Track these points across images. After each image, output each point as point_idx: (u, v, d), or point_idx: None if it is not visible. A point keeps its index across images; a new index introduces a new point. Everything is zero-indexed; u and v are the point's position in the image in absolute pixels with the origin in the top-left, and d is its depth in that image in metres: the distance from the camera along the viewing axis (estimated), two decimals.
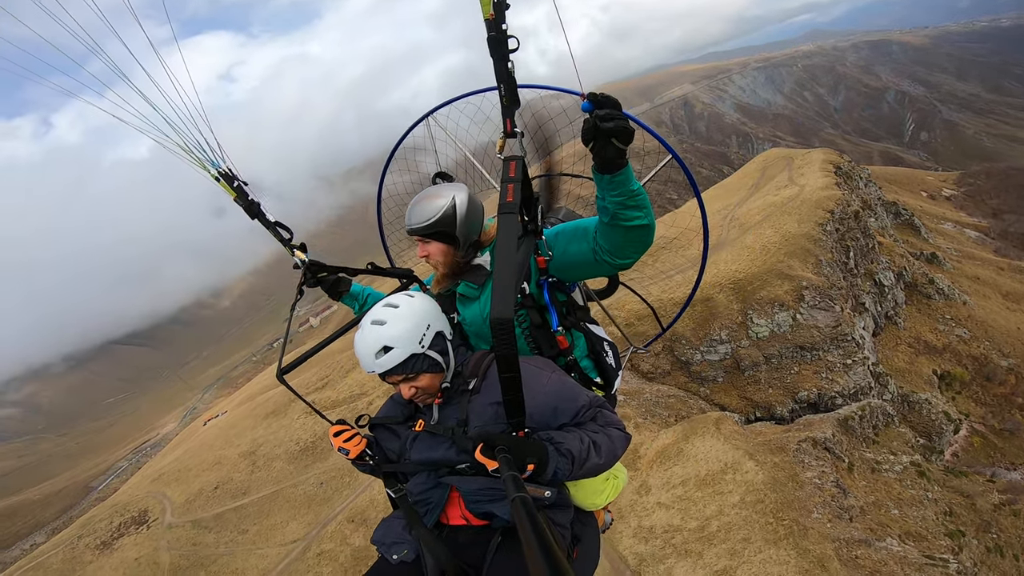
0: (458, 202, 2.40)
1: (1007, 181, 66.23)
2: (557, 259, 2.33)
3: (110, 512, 31.00)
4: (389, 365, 2.08)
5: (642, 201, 1.93)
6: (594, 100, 1.71)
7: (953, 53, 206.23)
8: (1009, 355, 28.96)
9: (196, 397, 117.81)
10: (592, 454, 2.04)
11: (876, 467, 16.48)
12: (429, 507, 2.29)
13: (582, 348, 2.62)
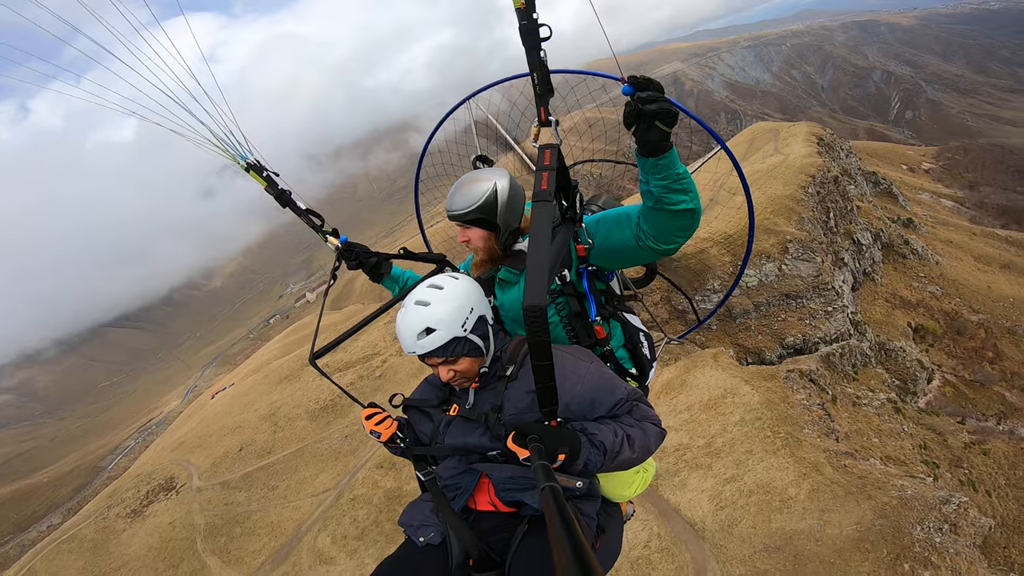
0: (499, 188, 2.37)
1: (984, 156, 68.68)
2: (598, 247, 2.30)
3: (135, 482, 31.89)
4: (430, 347, 2.06)
5: (688, 185, 1.91)
6: (635, 83, 1.69)
7: (940, 35, 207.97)
8: (979, 311, 31.26)
9: (196, 375, 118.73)
10: (625, 448, 2.03)
11: (856, 401, 18.64)
12: (458, 492, 2.29)
13: (619, 338, 2.60)
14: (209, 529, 24.69)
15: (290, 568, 19.46)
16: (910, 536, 11.22)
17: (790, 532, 11.93)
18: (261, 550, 21.82)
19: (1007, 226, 47.98)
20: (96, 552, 26.11)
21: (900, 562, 10.79)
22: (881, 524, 11.51)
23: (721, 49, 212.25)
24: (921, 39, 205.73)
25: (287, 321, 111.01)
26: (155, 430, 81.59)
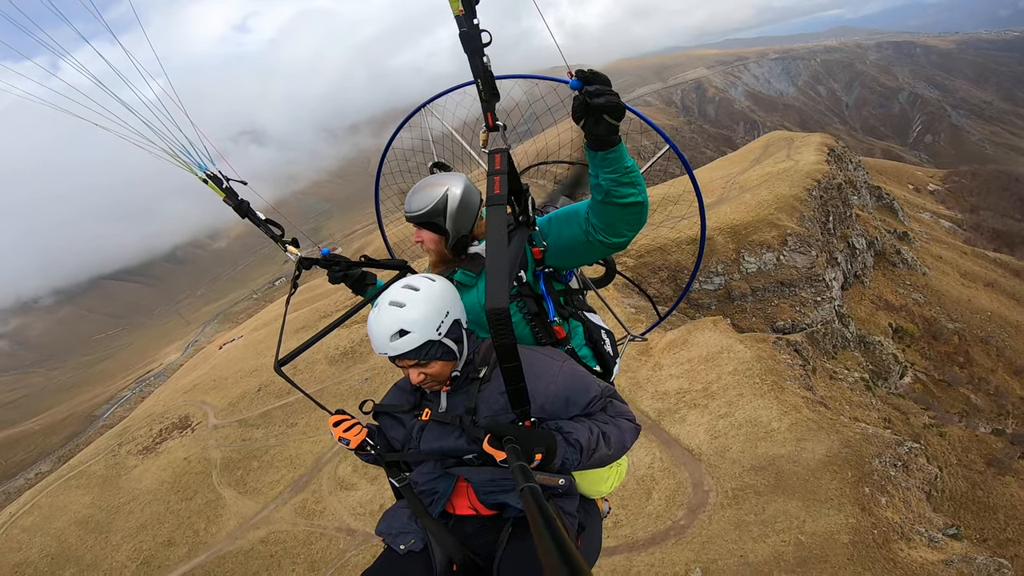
0: (451, 195, 2.40)
1: (990, 182, 70.30)
2: (551, 246, 2.33)
3: (147, 421, 32.53)
4: (403, 349, 2.02)
5: (636, 178, 1.93)
6: (583, 77, 1.69)
7: (976, 60, 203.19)
8: (956, 320, 33.41)
9: (196, 331, 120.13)
10: (601, 445, 2.04)
11: (833, 375, 20.85)
12: (435, 497, 2.29)
13: (580, 337, 2.64)
14: (225, 463, 25.40)
15: (310, 495, 21.00)
16: (870, 465, 13.79)
17: (772, 456, 14.74)
18: (279, 481, 22.91)
19: (999, 250, 49.84)
20: (105, 487, 26.55)
21: (861, 485, 13.31)
22: (846, 452, 14.07)
23: (749, 59, 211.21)
24: (955, 63, 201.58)
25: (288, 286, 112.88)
26: (153, 381, 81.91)
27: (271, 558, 18.67)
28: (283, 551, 18.72)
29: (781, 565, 12.66)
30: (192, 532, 21.68)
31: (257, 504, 21.88)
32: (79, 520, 24.53)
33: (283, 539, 19.29)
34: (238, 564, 19.05)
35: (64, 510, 25.53)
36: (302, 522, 19.70)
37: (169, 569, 20.28)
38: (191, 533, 21.66)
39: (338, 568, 17.15)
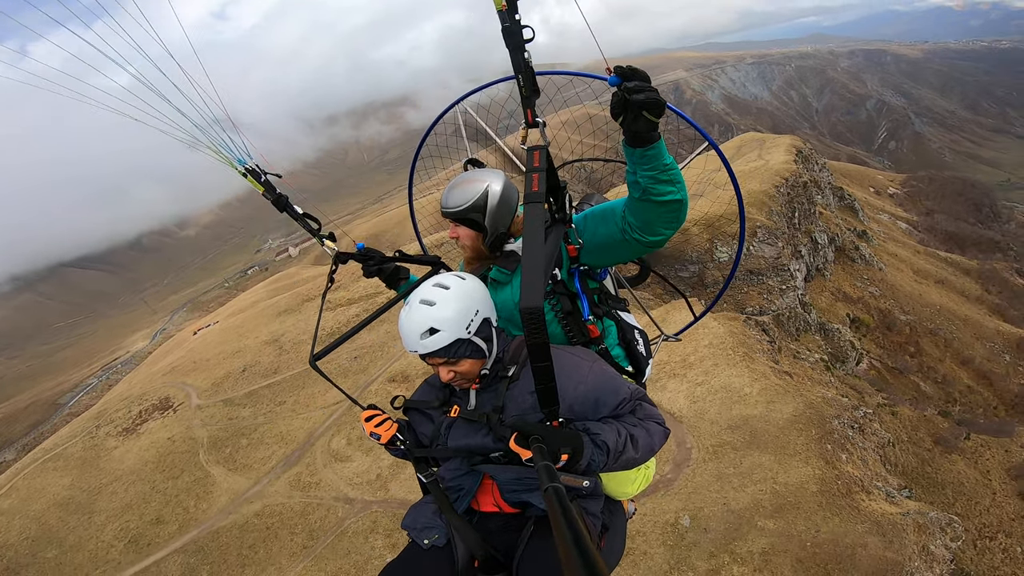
0: (491, 192, 2.40)
1: (946, 187, 74.43)
2: (587, 243, 2.31)
3: (125, 404, 31.84)
4: (433, 347, 2.05)
5: (675, 175, 1.91)
6: (622, 73, 1.68)
7: (942, 69, 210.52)
8: (908, 313, 36.03)
9: (165, 319, 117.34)
10: (628, 447, 2.03)
11: (796, 355, 22.76)
12: (461, 493, 2.31)
13: (613, 336, 2.63)
14: (212, 441, 25.22)
15: (304, 468, 21.34)
16: (830, 425, 15.87)
17: (746, 416, 16.81)
18: (270, 457, 22.99)
19: (950, 250, 53.34)
20: (85, 468, 26.08)
21: (824, 442, 15.32)
22: (810, 413, 16.07)
23: (727, 63, 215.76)
24: (923, 72, 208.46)
25: (266, 273, 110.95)
26: (121, 369, 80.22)
27: (267, 530, 19.05)
28: (280, 522, 19.13)
29: (760, 511, 14.46)
30: (182, 509, 21.67)
31: (248, 480, 22.01)
32: (59, 502, 24.14)
33: (279, 511, 19.66)
34: (233, 538, 19.31)
35: (43, 492, 25.07)
36: (297, 494, 20.12)
37: (160, 546, 20.32)
38: (180, 510, 21.64)
39: (338, 535, 17.73)
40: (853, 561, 13.12)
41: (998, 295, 46.09)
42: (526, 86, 1.81)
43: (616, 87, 1.67)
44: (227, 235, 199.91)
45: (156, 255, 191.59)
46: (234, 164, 2.72)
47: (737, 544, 13.78)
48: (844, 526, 13.89)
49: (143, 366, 53.41)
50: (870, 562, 13.09)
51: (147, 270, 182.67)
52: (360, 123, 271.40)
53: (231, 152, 2.71)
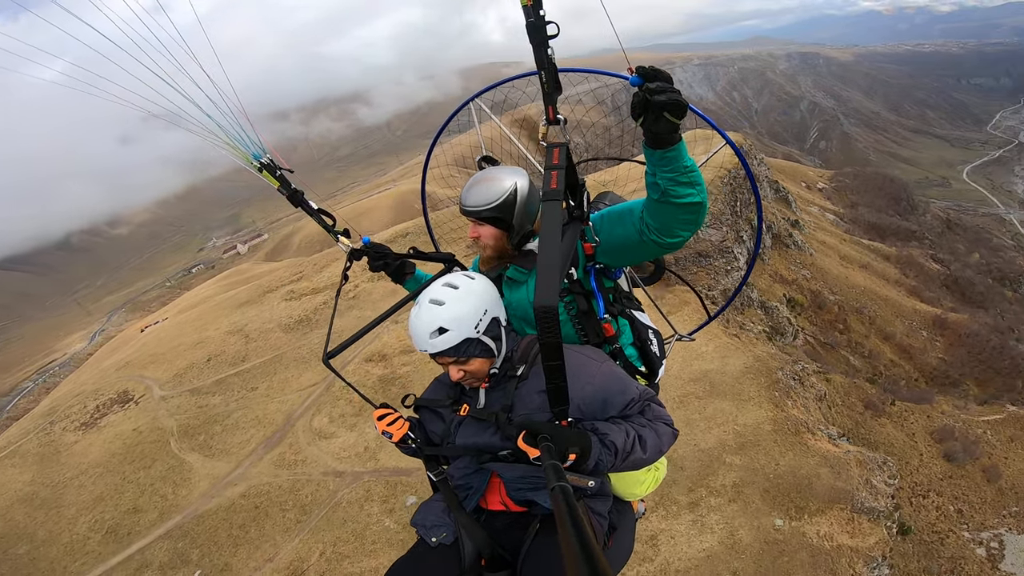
0: (519, 189, 2.40)
1: (869, 182, 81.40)
2: (604, 243, 2.30)
3: (79, 399, 30.60)
4: (442, 347, 2.07)
5: (695, 178, 1.89)
6: (643, 74, 1.68)
7: (870, 72, 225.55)
8: (836, 294, 40.19)
9: (102, 320, 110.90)
10: (637, 448, 2.05)
11: (742, 326, 25.41)
12: (469, 492, 2.34)
13: (628, 336, 2.63)
14: (184, 430, 24.73)
15: (287, 448, 21.47)
16: (776, 375, 19.02)
17: (705, 370, 19.54)
18: (248, 440, 22.81)
19: (872, 239, 58.97)
20: (45, 464, 25.22)
21: (772, 390, 18.31)
22: (758, 365, 19.03)
23: (675, 63, 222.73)
24: (852, 74, 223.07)
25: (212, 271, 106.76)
26: (58, 371, 75.90)
27: (256, 509, 19.27)
28: (268, 501, 19.38)
29: (726, 449, 16.95)
30: (159, 497, 21.44)
31: (228, 464, 21.96)
32: (22, 498, 23.31)
33: (266, 491, 19.86)
34: (220, 520, 19.39)
35: (2, 490, 24.09)
36: (284, 472, 20.40)
37: (140, 535, 20.11)
38: (158, 498, 21.42)
39: (332, 507, 18.26)
40: (810, 489, 15.80)
41: (914, 278, 51.78)
42: (548, 83, 1.78)
43: (638, 87, 1.67)
44: (165, 233, 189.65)
45: (86, 255, 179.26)
46: (250, 159, 2.68)
47: (711, 479, 16.23)
48: (798, 460, 16.65)
49: (88, 365, 50.77)
50: (824, 490, 15.81)
51: (77, 271, 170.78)
52: (310, 119, 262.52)
53: (247, 147, 2.65)
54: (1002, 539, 22.94)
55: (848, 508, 15.63)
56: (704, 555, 14.46)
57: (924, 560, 21.03)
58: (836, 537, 14.95)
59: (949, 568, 21.17)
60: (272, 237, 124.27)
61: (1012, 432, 27.67)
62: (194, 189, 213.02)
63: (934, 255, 59.71)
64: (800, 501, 15.55)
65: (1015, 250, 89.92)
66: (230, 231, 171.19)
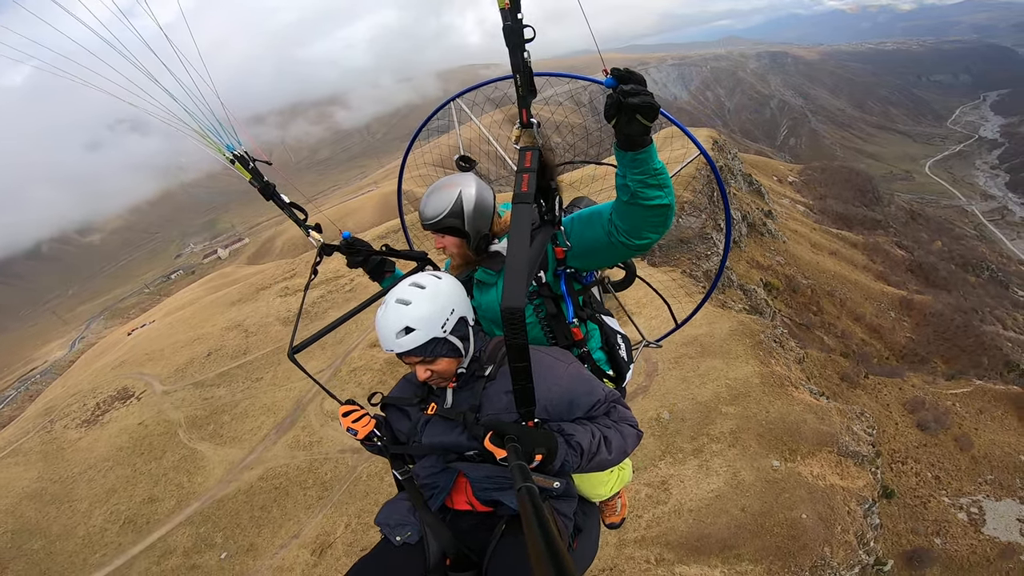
0: (464, 197, 2.42)
1: (835, 175, 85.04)
2: (574, 246, 2.32)
3: (76, 398, 30.78)
4: (408, 346, 2.07)
5: (664, 180, 1.92)
6: (618, 75, 1.69)
7: (835, 70, 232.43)
8: (809, 278, 42.59)
9: (81, 327, 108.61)
10: (602, 449, 2.07)
11: (723, 304, 27.20)
12: (435, 491, 2.32)
13: (596, 340, 2.66)
14: (191, 421, 25.02)
15: (300, 431, 22.10)
16: (759, 337, 20.97)
17: (695, 335, 21.38)
18: (259, 427, 23.29)
19: (840, 228, 61.93)
20: (50, 461, 25.41)
21: (756, 350, 20.19)
22: (743, 328, 21.26)
23: (650, 64, 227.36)
24: (818, 73, 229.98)
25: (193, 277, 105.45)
26: (40, 379, 74.37)
27: (277, 490, 19.80)
28: (288, 481, 19.92)
29: (721, 401, 18.81)
30: (174, 486, 21.84)
31: (242, 450, 22.45)
32: (30, 494, 23.51)
33: (284, 472, 20.40)
34: (240, 504, 19.82)
35: (8, 488, 24.23)
36: (300, 454, 21.02)
37: (160, 523, 20.44)
38: (173, 487, 21.80)
39: (352, 481, 18.94)
40: (800, 434, 17.73)
41: (881, 264, 54.74)
42: (523, 86, 1.80)
43: (612, 89, 1.69)
44: (139, 241, 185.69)
45: (57, 264, 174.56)
46: (222, 150, 2.67)
47: (710, 428, 18.03)
48: (785, 408, 18.60)
49: (76, 368, 50.21)
50: (812, 434, 17.79)
51: (48, 280, 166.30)
52: (287, 123, 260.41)
53: (219, 137, 2.63)
54: (981, 505, 24.21)
55: (835, 451, 17.60)
56: (713, 495, 16.14)
57: (910, 522, 22.90)
58: (828, 477, 16.84)
59: (935, 530, 22.81)
60: (253, 241, 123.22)
61: (980, 404, 29.46)
62: (168, 195, 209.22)
63: (899, 242, 62.98)
64: (792, 444, 17.48)
65: (977, 239, 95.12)
66: (207, 237, 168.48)
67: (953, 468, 25.82)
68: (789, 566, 14.58)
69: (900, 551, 21.70)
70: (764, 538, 15.08)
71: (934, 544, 22.25)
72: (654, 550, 15.07)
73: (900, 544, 22.07)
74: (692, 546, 14.99)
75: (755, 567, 14.50)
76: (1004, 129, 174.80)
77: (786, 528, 15.27)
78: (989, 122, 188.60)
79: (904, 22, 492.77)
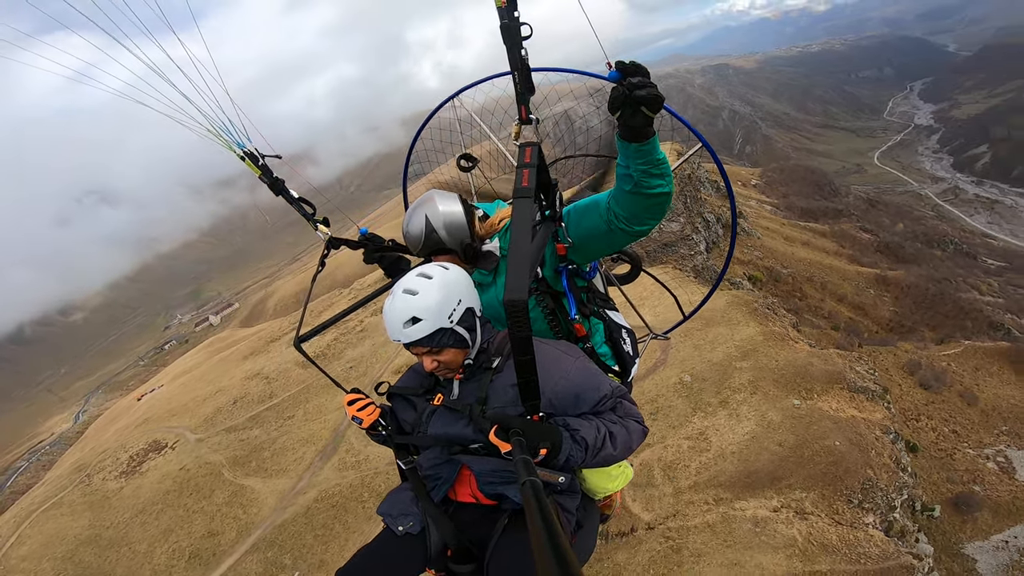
0: (431, 216, 2.44)
1: (793, 175, 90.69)
2: (573, 236, 2.34)
3: (107, 454, 30.98)
4: (415, 336, 2.09)
5: (665, 169, 1.98)
6: (623, 68, 1.73)
7: (772, 77, 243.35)
8: (787, 268, 46.24)
9: (80, 403, 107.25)
10: (607, 445, 2.09)
11: None
12: (438, 482, 2.35)
13: (600, 335, 2.69)
14: (233, 460, 25.64)
15: (344, 454, 23.11)
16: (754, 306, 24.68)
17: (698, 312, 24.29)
18: (302, 458, 24.11)
19: (807, 221, 66.23)
20: (97, 509, 25.62)
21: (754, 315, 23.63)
22: (737, 300, 24.74)
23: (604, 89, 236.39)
24: (758, 81, 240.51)
25: (187, 345, 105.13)
26: (50, 450, 73.44)
27: (335, 508, 20.55)
28: (344, 499, 20.70)
29: (734, 359, 21.31)
30: (231, 519, 22.48)
31: (290, 480, 23.24)
32: (86, 540, 23.86)
33: (338, 491, 21.16)
34: (301, 525, 20.46)
35: (61, 536, 24.55)
36: (349, 473, 21.97)
37: (225, 554, 20.94)
38: (231, 520, 22.44)
39: None
40: (810, 375, 20.22)
41: (851, 248, 58.84)
42: (521, 83, 1.83)
43: (617, 82, 1.75)
44: (124, 316, 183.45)
45: (43, 346, 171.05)
46: (232, 147, 2.77)
47: (730, 381, 20.47)
48: (792, 355, 21.27)
49: (91, 434, 49.50)
50: (820, 374, 20.26)
51: (37, 362, 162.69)
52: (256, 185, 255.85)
53: (230, 135, 2.72)
54: (1006, 455, 25.48)
55: (846, 388, 20.02)
56: (749, 437, 18.18)
57: (943, 472, 24.59)
58: (846, 410, 19.14)
59: (970, 479, 24.26)
60: (244, 305, 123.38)
61: (976, 362, 31.51)
62: (146, 268, 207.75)
63: (863, 227, 67.47)
64: (806, 384, 19.96)
65: (936, 219, 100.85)
66: (194, 307, 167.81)
67: (967, 422, 27.38)
68: (840, 490, 16.36)
69: (943, 498, 23.46)
70: (808, 467, 16.96)
71: (974, 491, 23.70)
72: (710, 492, 16.85)
73: (940, 492, 23.73)
74: (744, 483, 16.84)
75: (808, 494, 16.27)
76: (936, 115, 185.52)
77: (824, 456, 17.21)
78: (920, 110, 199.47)
79: (823, 23, 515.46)
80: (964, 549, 22.28)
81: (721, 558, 14.92)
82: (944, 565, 20.85)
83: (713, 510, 16.31)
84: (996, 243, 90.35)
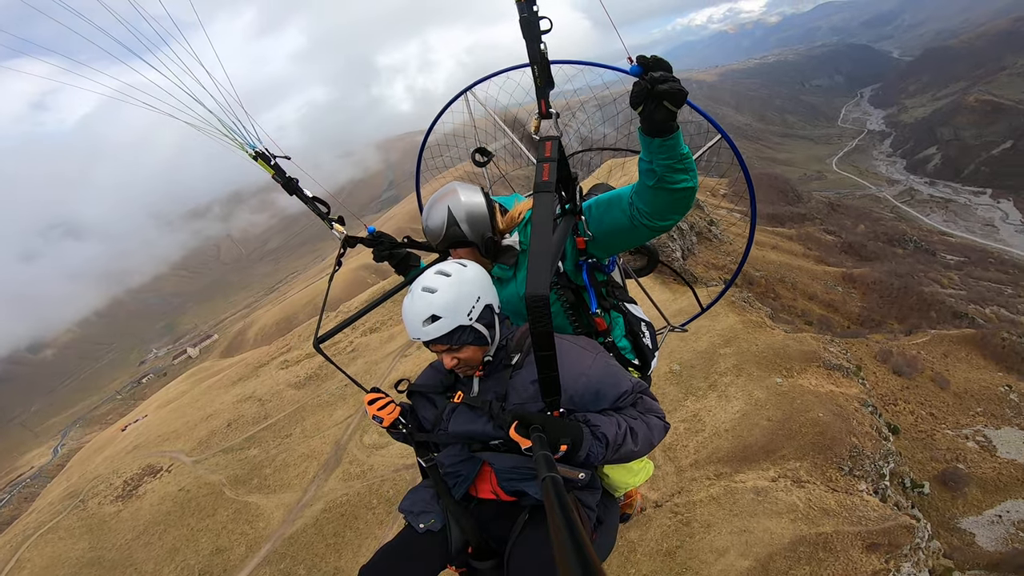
0: (453, 208, 2.42)
1: (758, 183, 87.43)
2: (594, 232, 2.32)
3: (101, 480, 30.64)
4: (435, 334, 2.08)
5: (690, 164, 1.96)
6: (644, 63, 1.70)
7: (733, 88, 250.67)
8: (760, 271, 48.84)
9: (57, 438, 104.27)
10: (628, 441, 2.06)
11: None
12: (459, 479, 2.37)
13: (620, 329, 2.65)
14: (234, 479, 25.75)
15: (348, 465, 23.63)
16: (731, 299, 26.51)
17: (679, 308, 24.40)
18: (305, 472, 24.46)
19: (774, 226, 69.41)
20: (96, 532, 25.50)
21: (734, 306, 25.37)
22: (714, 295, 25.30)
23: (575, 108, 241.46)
24: (720, 93, 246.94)
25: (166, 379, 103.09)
26: (32, 483, 71.51)
27: (344, 516, 20.98)
28: (352, 507, 21.13)
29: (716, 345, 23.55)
30: (238, 535, 22.57)
31: (295, 493, 23.53)
32: (88, 562, 23.72)
33: (345, 501, 21.58)
34: (312, 536, 20.77)
35: (62, 559, 24.45)
36: (355, 483, 22.42)
37: (236, 569, 20.99)
38: (238, 536, 22.52)
39: None
40: (787, 355, 22.13)
41: (816, 249, 61.93)
42: (541, 76, 1.82)
43: (639, 76, 1.72)
44: (95, 352, 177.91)
45: (12, 384, 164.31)
46: (244, 148, 2.78)
47: (716, 366, 22.10)
48: (769, 339, 23.13)
49: (74, 464, 48.13)
50: (798, 354, 22.12)
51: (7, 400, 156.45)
52: (230, 214, 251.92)
53: (242, 136, 2.74)
54: (985, 434, 26.61)
55: (822, 366, 21.97)
56: (739, 415, 19.76)
57: (926, 451, 25.75)
58: (825, 386, 21.07)
59: (952, 457, 25.32)
60: (223, 336, 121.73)
61: (944, 348, 33.13)
62: (116, 303, 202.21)
63: (826, 229, 70.94)
64: (785, 364, 21.84)
65: (895, 220, 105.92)
66: (169, 340, 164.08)
67: (942, 404, 28.78)
68: (830, 458, 17.87)
69: (930, 475, 24.72)
70: (797, 438, 18.53)
71: (959, 469, 24.93)
72: (710, 468, 18.28)
73: (926, 470, 24.96)
74: (740, 457, 18.33)
75: (801, 463, 17.77)
76: (887, 120, 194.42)
77: (811, 427, 18.85)
78: (872, 116, 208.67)
79: (776, 34, 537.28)
80: (960, 524, 23.66)
81: (730, 526, 16.19)
82: (944, 540, 22.01)
83: (715, 484, 17.69)
84: (953, 240, 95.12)
